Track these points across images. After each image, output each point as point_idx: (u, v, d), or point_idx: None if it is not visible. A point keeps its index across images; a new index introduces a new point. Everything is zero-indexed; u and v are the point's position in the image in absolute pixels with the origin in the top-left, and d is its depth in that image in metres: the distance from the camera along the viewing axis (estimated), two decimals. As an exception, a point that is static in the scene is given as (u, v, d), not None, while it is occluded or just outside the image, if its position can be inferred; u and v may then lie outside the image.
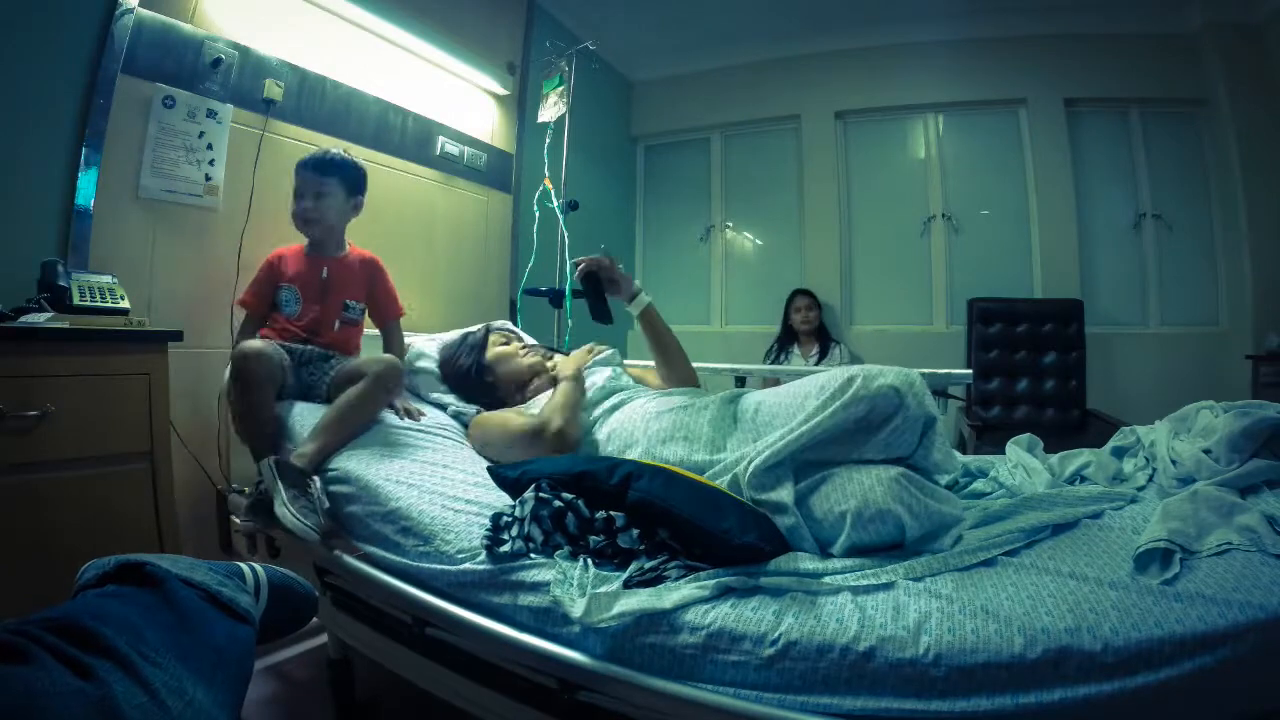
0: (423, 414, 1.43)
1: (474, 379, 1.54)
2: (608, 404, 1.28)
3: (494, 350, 1.56)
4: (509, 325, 1.77)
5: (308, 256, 1.58)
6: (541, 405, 1.34)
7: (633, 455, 1.15)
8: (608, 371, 1.43)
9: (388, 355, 1.40)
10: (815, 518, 0.90)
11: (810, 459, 0.95)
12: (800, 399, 1.02)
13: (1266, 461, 0.89)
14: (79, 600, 0.59)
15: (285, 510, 1.04)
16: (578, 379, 1.30)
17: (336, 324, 1.56)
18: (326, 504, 1.11)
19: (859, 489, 0.87)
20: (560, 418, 1.20)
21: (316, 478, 1.14)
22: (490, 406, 1.50)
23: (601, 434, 1.21)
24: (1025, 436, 1.29)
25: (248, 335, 1.49)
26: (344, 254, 1.61)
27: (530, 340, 1.68)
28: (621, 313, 1.50)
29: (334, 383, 1.41)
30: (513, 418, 1.30)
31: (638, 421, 1.19)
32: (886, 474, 0.87)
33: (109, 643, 0.49)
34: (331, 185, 1.55)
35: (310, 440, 1.19)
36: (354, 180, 1.60)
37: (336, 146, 1.78)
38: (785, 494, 0.91)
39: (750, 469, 0.95)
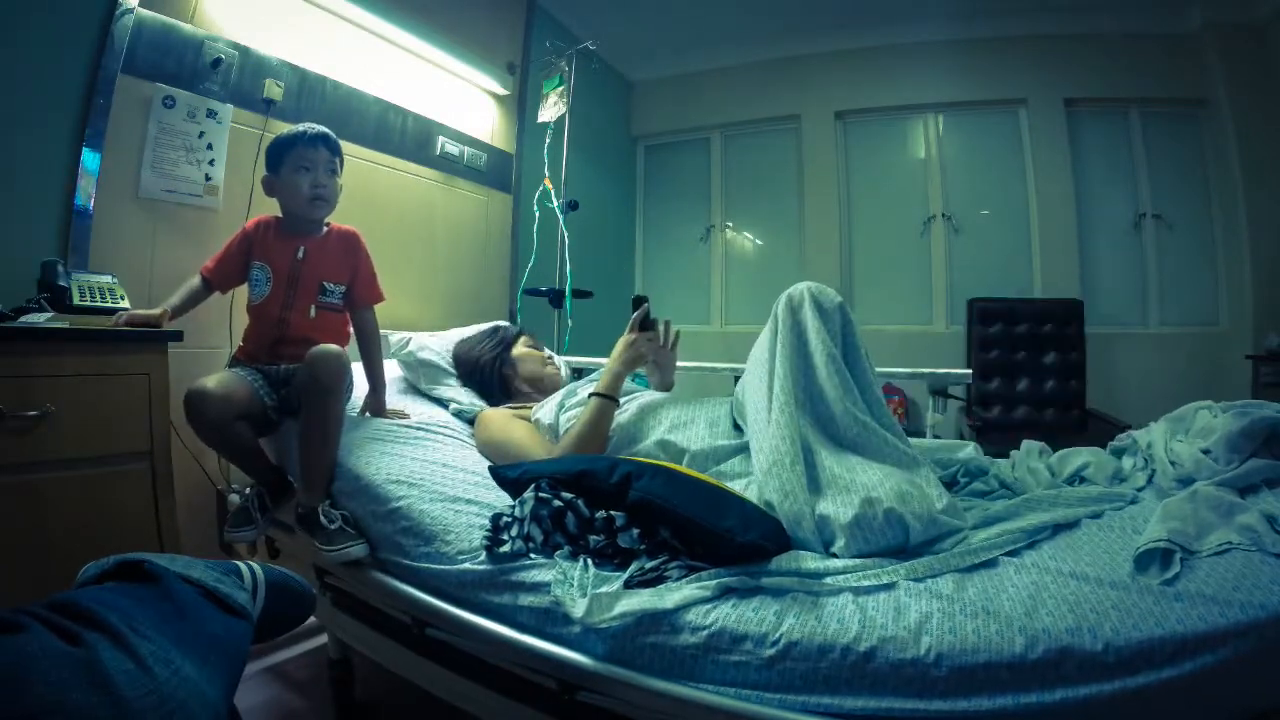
0: (406, 415, 1.41)
1: (490, 370, 1.56)
2: (624, 398, 1.31)
3: (521, 349, 1.59)
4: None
5: (283, 234, 1.40)
6: (548, 405, 1.34)
7: (653, 438, 1.19)
8: None
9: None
10: (822, 515, 0.90)
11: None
12: (759, 361, 1.10)
13: (1265, 461, 0.89)
14: (77, 590, 0.60)
15: (329, 554, 1.05)
16: (612, 397, 1.23)
17: (312, 310, 1.37)
18: (338, 520, 1.10)
19: (864, 489, 0.88)
20: (575, 450, 1.18)
21: (323, 505, 1.12)
22: (494, 401, 1.51)
23: (620, 421, 1.24)
24: (1036, 444, 1.27)
25: (184, 301, 1.35)
26: (323, 233, 1.43)
27: (553, 353, 1.70)
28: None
29: (295, 390, 1.27)
30: (522, 435, 1.29)
31: (659, 409, 1.24)
32: (895, 475, 0.88)
33: (100, 618, 0.50)
34: (338, 165, 1.43)
35: (303, 489, 1.16)
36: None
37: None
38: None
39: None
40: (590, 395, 1.23)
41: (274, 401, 1.30)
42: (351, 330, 1.47)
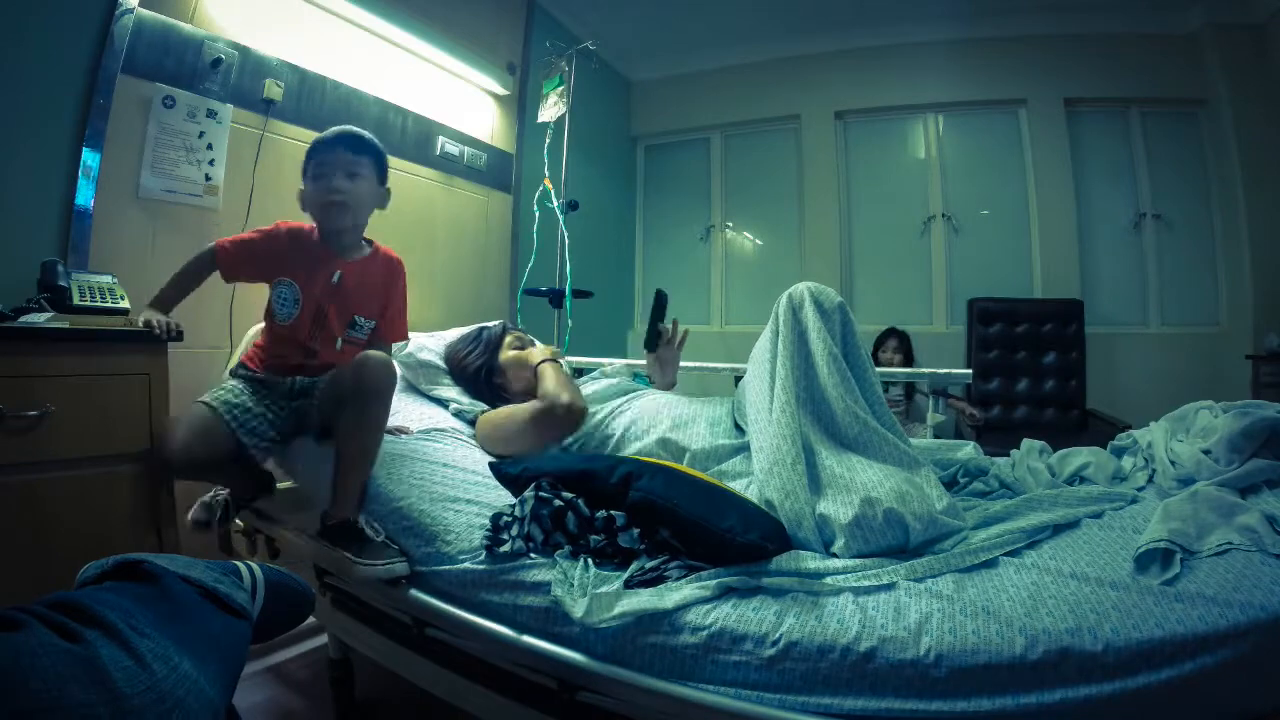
0: (408, 431, 1.34)
1: (480, 378, 1.55)
2: (626, 396, 1.32)
3: (508, 353, 1.56)
4: (523, 330, 1.76)
5: (322, 251, 1.29)
6: None
7: (655, 437, 1.20)
8: (617, 380, 1.53)
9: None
10: (822, 515, 0.90)
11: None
12: (760, 361, 1.11)
13: (1266, 461, 0.89)
14: (76, 590, 0.60)
15: (367, 570, 0.96)
16: (556, 358, 1.37)
17: (339, 343, 1.29)
18: (382, 534, 1.03)
19: (864, 489, 0.88)
20: (566, 394, 1.23)
21: (363, 516, 1.06)
22: (493, 406, 1.51)
23: (623, 420, 1.25)
24: (1037, 444, 1.27)
25: (181, 289, 1.28)
26: (364, 256, 1.32)
27: (542, 347, 1.69)
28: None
29: (321, 401, 1.22)
30: (519, 407, 1.32)
31: (662, 408, 1.25)
32: (895, 476, 0.88)
33: (99, 615, 0.50)
34: (365, 166, 1.26)
35: (335, 501, 1.07)
36: (384, 164, 1.33)
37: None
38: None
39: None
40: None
41: (270, 430, 1.22)
42: None
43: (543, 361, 1.36)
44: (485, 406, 1.50)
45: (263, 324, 1.35)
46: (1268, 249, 2.82)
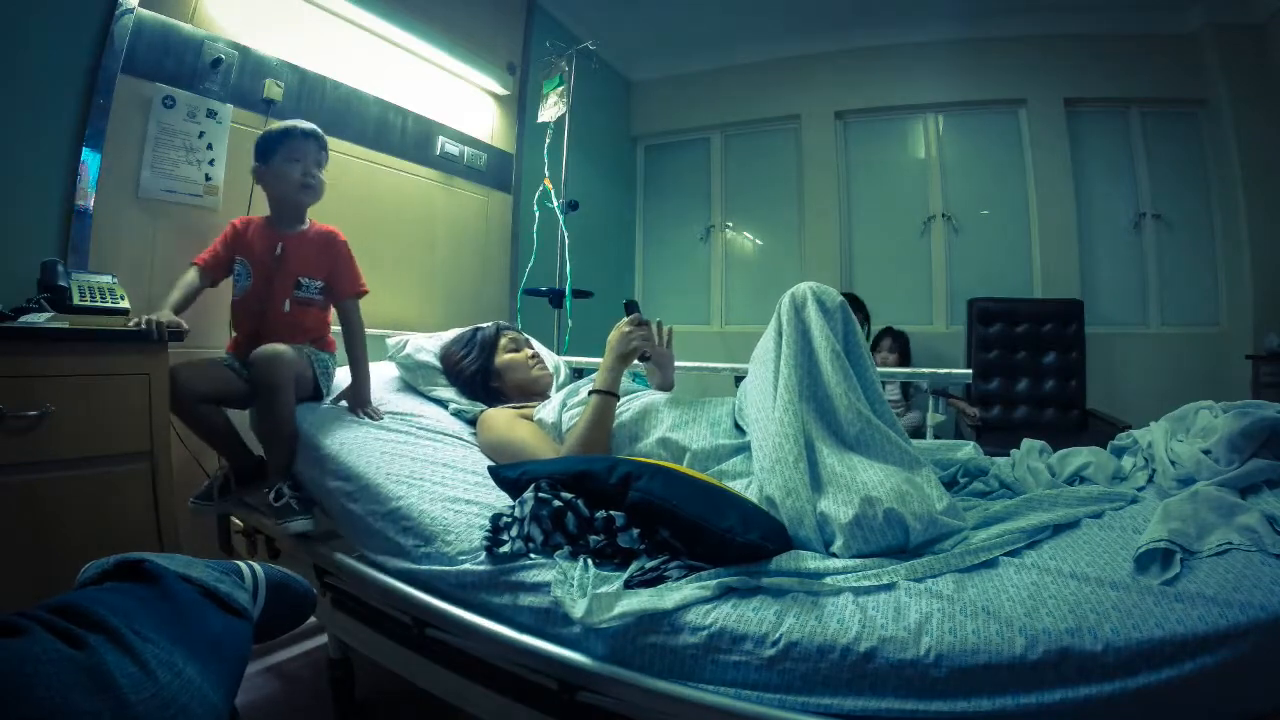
0: (379, 414, 1.38)
1: (477, 382, 1.55)
2: (625, 397, 1.32)
3: (504, 356, 1.56)
4: (518, 329, 1.75)
5: (266, 230, 1.48)
6: (550, 405, 1.34)
7: (655, 437, 1.19)
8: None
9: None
10: (823, 514, 0.90)
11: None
12: (762, 361, 1.10)
13: (1266, 461, 0.89)
14: (77, 592, 0.60)
15: (278, 527, 1.15)
16: (612, 393, 1.23)
17: (287, 304, 1.45)
18: (285, 498, 1.22)
19: (864, 489, 0.88)
20: (580, 449, 1.18)
21: (279, 485, 1.25)
22: (491, 404, 1.51)
23: (622, 420, 1.24)
24: (1037, 444, 1.27)
25: (184, 296, 1.41)
26: (303, 229, 1.49)
27: (540, 346, 1.68)
28: (613, 315, 1.50)
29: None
30: (528, 436, 1.29)
31: (661, 408, 1.24)
32: (895, 475, 0.88)
33: (101, 619, 0.50)
34: (324, 158, 1.51)
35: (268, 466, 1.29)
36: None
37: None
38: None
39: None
40: (590, 393, 1.23)
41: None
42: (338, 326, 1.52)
43: (597, 390, 1.22)
44: (484, 407, 1.50)
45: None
46: (1268, 249, 2.82)
